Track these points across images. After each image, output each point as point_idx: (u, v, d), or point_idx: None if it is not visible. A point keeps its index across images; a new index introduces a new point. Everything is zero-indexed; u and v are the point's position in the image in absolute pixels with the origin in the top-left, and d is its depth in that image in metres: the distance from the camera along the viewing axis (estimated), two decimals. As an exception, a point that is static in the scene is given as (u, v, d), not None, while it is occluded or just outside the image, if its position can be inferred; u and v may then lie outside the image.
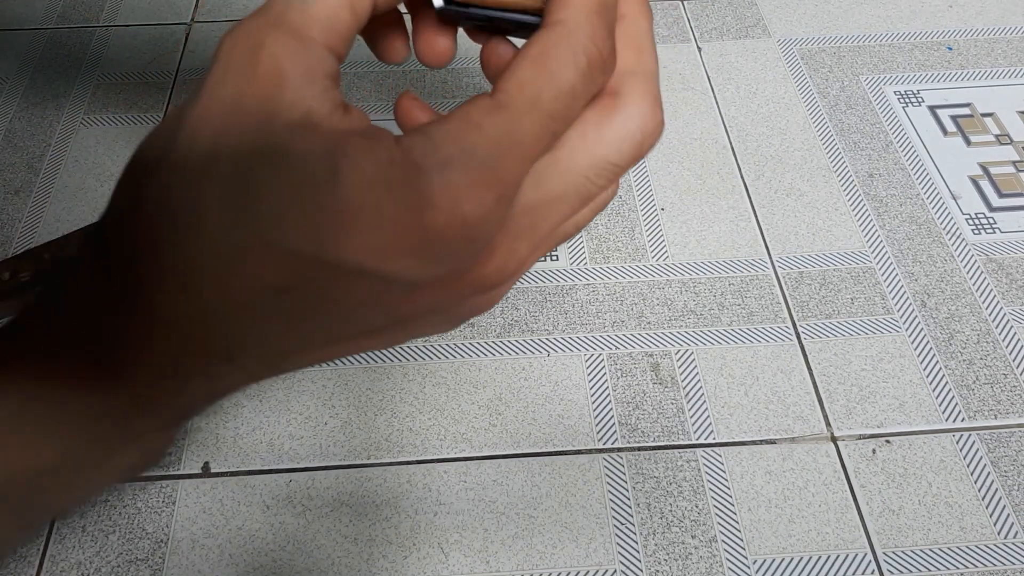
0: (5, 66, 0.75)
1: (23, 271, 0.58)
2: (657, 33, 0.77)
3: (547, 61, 0.17)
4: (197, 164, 0.17)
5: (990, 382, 0.53)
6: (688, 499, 0.49)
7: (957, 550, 0.47)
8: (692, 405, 0.52)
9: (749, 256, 0.60)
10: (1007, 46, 0.74)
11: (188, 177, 0.17)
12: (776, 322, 0.56)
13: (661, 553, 0.47)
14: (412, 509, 0.48)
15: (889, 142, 0.67)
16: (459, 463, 0.50)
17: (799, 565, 0.46)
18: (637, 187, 0.65)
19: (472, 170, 0.16)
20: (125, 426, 0.19)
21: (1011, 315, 0.56)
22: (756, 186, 0.65)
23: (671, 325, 0.56)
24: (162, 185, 0.17)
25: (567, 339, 0.56)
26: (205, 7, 0.81)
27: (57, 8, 0.81)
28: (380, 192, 0.16)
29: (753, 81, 0.72)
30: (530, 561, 0.46)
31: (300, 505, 0.49)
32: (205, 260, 0.17)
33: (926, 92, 0.71)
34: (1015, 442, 0.51)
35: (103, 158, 0.67)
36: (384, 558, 0.47)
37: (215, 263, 0.16)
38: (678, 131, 0.69)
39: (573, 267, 0.60)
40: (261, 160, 0.16)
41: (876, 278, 0.59)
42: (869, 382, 0.53)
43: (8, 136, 0.69)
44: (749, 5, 0.79)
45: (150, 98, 0.72)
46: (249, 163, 0.16)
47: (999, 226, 0.61)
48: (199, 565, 0.46)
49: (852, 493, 0.49)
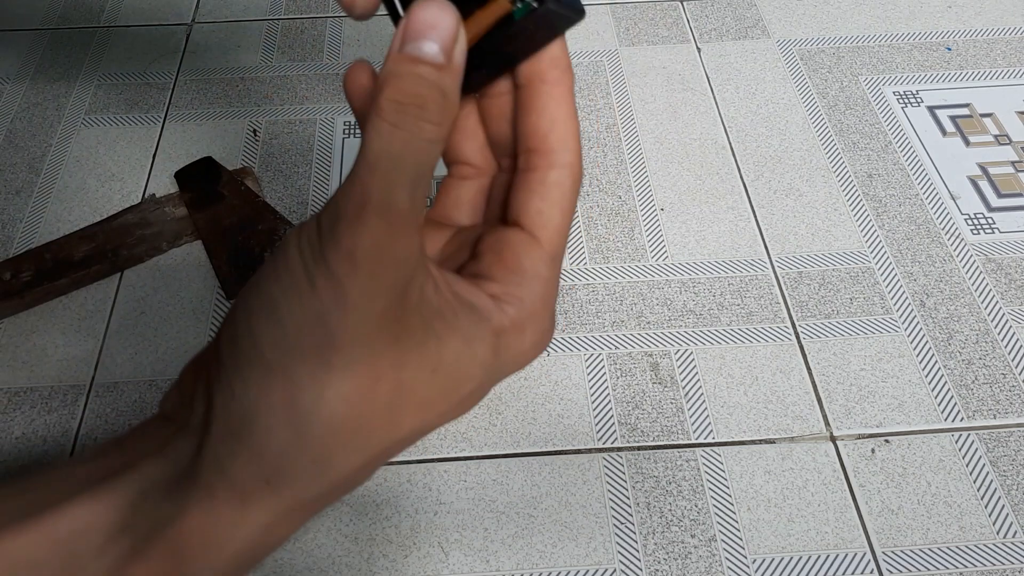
0: (6, 66, 0.75)
1: (24, 271, 0.58)
2: (657, 34, 0.77)
3: (567, 207, 0.21)
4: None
5: (989, 382, 0.53)
6: (687, 498, 0.49)
7: (956, 550, 0.47)
8: (691, 405, 0.53)
9: (748, 256, 0.60)
10: (1006, 47, 0.74)
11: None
12: (775, 322, 0.56)
13: (660, 552, 0.47)
14: (412, 508, 0.48)
15: (888, 142, 0.67)
16: (459, 462, 0.50)
17: (798, 564, 0.46)
18: (637, 187, 0.65)
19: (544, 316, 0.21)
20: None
21: (1010, 315, 0.56)
22: (755, 186, 0.65)
23: (670, 325, 0.56)
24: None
25: (567, 339, 0.56)
26: (205, 7, 0.81)
27: (58, 8, 0.81)
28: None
29: (752, 82, 0.72)
30: (530, 560, 0.46)
31: (300, 504, 0.49)
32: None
33: (925, 92, 0.71)
34: (1014, 442, 0.51)
35: (104, 158, 0.68)
36: (384, 557, 0.47)
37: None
38: (678, 132, 0.69)
39: (573, 267, 0.60)
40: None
41: (875, 278, 0.59)
42: (868, 382, 0.53)
43: (9, 136, 0.69)
44: (748, 6, 0.79)
45: (151, 98, 0.72)
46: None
47: (998, 226, 0.61)
48: (200, 564, 0.46)
49: (851, 493, 0.49)
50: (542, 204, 0.21)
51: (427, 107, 0.17)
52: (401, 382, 0.18)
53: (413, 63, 0.17)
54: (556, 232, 0.21)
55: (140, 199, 0.65)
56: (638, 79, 0.73)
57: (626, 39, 0.77)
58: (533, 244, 0.20)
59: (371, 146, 0.17)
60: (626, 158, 0.67)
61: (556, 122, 0.21)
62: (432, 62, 0.17)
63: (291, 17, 0.80)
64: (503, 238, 0.21)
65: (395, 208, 0.17)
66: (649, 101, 0.71)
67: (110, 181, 0.66)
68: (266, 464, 0.18)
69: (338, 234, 0.17)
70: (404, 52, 0.18)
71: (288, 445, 0.18)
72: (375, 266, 0.17)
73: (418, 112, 0.17)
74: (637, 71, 0.74)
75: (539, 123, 0.21)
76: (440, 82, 0.18)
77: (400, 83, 0.17)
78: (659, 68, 0.74)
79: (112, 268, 0.60)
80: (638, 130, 0.69)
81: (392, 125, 0.17)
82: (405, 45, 0.18)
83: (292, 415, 0.17)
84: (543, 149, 0.21)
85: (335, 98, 0.72)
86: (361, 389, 0.18)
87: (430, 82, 0.17)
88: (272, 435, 0.17)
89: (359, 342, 0.17)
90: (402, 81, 0.17)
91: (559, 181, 0.21)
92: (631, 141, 0.68)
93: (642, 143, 0.68)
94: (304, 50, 0.76)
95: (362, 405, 0.18)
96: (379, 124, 0.17)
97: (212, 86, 0.73)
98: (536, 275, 0.20)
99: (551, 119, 0.21)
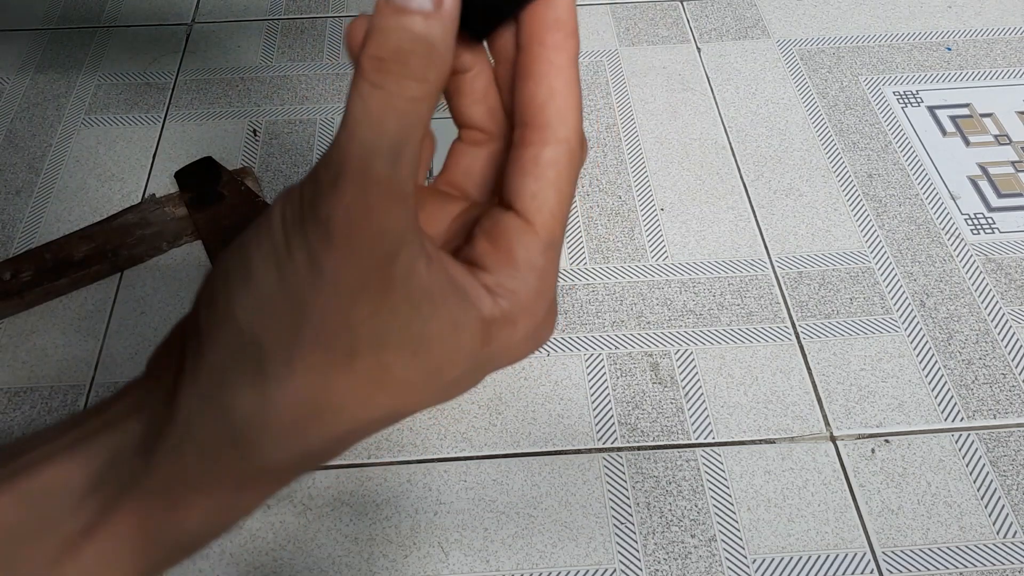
0: (6, 66, 0.75)
1: (24, 271, 0.58)
2: (657, 34, 0.77)
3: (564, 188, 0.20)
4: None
5: (989, 382, 0.53)
6: (687, 498, 0.49)
7: (956, 549, 0.47)
8: (691, 405, 0.53)
9: (748, 256, 0.60)
10: (1006, 47, 0.74)
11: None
12: (775, 322, 0.56)
13: (660, 552, 0.47)
14: (412, 508, 0.48)
15: (888, 142, 0.67)
16: (459, 462, 0.50)
17: (798, 564, 0.46)
18: (637, 188, 0.65)
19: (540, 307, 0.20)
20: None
21: (1010, 315, 0.56)
22: (755, 186, 0.65)
23: (671, 325, 0.56)
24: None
25: (567, 339, 0.56)
26: (206, 7, 0.81)
27: (58, 8, 0.81)
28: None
29: (752, 82, 0.72)
30: (530, 560, 0.46)
31: (301, 504, 0.49)
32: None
33: (925, 93, 0.71)
34: (1014, 442, 0.51)
35: (104, 158, 0.68)
36: (384, 557, 0.47)
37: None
38: (678, 132, 0.69)
39: (573, 267, 0.60)
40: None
41: (875, 278, 0.59)
42: (868, 382, 0.53)
43: (9, 136, 0.69)
44: (748, 6, 0.79)
45: (151, 98, 0.72)
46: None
47: (998, 226, 0.61)
48: (200, 564, 0.46)
49: (851, 493, 0.49)
50: (536, 186, 0.19)
51: (409, 62, 0.16)
52: (378, 360, 0.17)
53: (399, 14, 0.16)
54: (552, 217, 0.19)
55: (140, 199, 0.65)
56: (638, 79, 0.73)
57: (626, 39, 0.77)
58: (528, 231, 0.19)
59: (351, 109, 0.16)
60: (626, 158, 0.67)
61: (554, 92, 0.19)
62: (420, 10, 0.16)
63: (291, 17, 0.80)
64: (498, 223, 0.19)
65: (373, 176, 0.16)
66: (649, 101, 0.71)
67: (110, 181, 0.66)
68: (233, 427, 0.17)
69: (316, 203, 0.16)
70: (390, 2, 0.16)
71: (255, 410, 0.17)
72: (350, 239, 0.16)
73: (400, 69, 0.16)
74: (637, 71, 0.74)
75: (536, 92, 0.19)
76: (427, 32, 0.16)
77: (382, 37, 0.16)
78: (659, 68, 0.74)
79: (112, 268, 0.60)
80: (638, 130, 0.69)
81: (372, 85, 0.16)
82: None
83: (259, 381, 0.17)
84: (538, 123, 0.19)
85: (335, 98, 0.72)
86: (332, 363, 0.17)
87: (414, 33, 0.16)
88: (239, 398, 0.17)
89: (332, 315, 0.17)
90: (385, 35, 0.16)
91: (554, 159, 0.19)
92: (631, 141, 0.68)
93: (642, 143, 0.68)
94: (304, 50, 0.76)
95: (333, 380, 0.17)
96: (359, 84, 0.16)
97: (212, 86, 0.73)
98: (531, 266, 0.19)
99: (549, 88, 0.19)
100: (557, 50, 0.19)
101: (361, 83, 0.16)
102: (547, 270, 0.20)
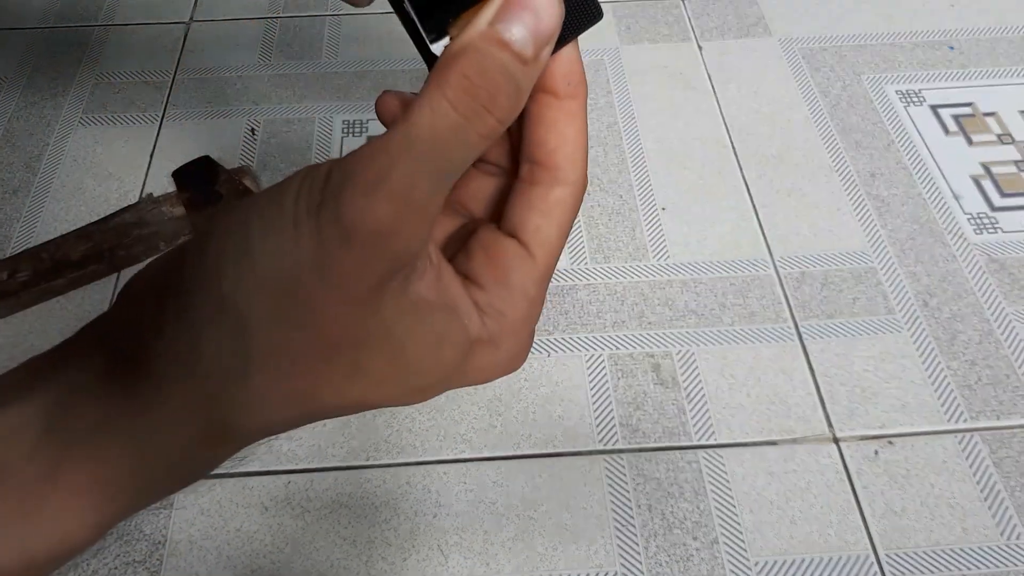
0: (3, 65, 0.75)
1: (21, 271, 0.58)
2: (657, 32, 0.77)
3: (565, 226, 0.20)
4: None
5: (992, 383, 0.53)
6: (689, 500, 0.48)
7: (960, 552, 0.46)
8: (693, 406, 0.52)
9: (750, 256, 0.60)
10: (1009, 45, 0.74)
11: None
12: (778, 322, 0.56)
13: (662, 555, 0.46)
14: (411, 511, 0.48)
15: (891, 141, 0.67)
16: (459, 464, 0.50)
17: (801, 567, 0.46)
18: (638, 187, 0.64)
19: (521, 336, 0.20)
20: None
21: (1013, 315, 0.56)
22: (757, 185, 0.64)
23: (672, 325, 0.56)
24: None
25: (567, 339, 0.55)
26: (204, 6, 0.81)
27: (55, 7, 0.80)
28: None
29: (754, 80, 0.72)
30: (530, 563, 0.46)
31: (299, 507, 0.48)
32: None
33: (928, 91, 0.70)
34: (1017, 443, 0.50)
35: (101, 157, 0.67)
36: (383, 560, 0.46)
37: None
38: (679, 131, 0.68)
39: (573, 267, 0.60)
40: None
41: (878, 278, 0.58)
42: (871, 383, 0.53)
43: (6, 135, 0.69)
44: (750, 4, 0.79)
45: (148, 97, 0.72)
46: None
47: (1001, 226, 0.61)
48: (197, 567, 0.46)
49: (854, 494, 0.48)
50: (542, 221, 0.20)
51: (498, 99, 0.16)
52: (356, 358, 0.17)
53: (500, 46, 0.16)
54: (551, 252, 0.20)
55: (137, 198, 0.64)
56: (639, 77, 0.73)
57: (627, 37, 0.76)
58: (527, 260, 0.20)
59: (417, 119, 0.15)
60: (627, 157, 0.67)
61: (566, 140, 0.19)
62: (520, 53, 0.16)
63: (290, 15, 0.79)
64: (498, 245, 0.20)
65: (416, 197, 0.15)
66: (650, 100, 0.71)
67: (107, 180, 0.66)
68: (208, 394, 0.17)
69: (342, 200, 0.15)
70: (495, 29, 0.16)
71: (232, 375, 0.17)
72: (369, 248, 0.16)
73: (488, 100, 0.16)
74: (638, 69, 0.73)
75: (547, 137, 0.19)
76: (522, 76, 0.16)
77: (480, 60, 0.15)
78: (660, 66, 0.73)
79: (109, 268, 0.59)
80: (639, 129, 0.69)
81: (451, 103, 0.15)
82: (499, 22, 0.16)
83: (240, 359, 0.17)
84: (549, 164, 0.20)
85: (334, 97, 0.72)
86: (313, 350, 0.17)
87: (511, 74, 0.16)
88: (216, 371, 0.17)
89: (326, 311, 0.16)
90: (482, 59, 0.15)
91: (562, 199, 0.20)
92: (632, 140, 0.68)
93: (643, 142, 0.68)
94: (303, 49, 0.76)
95: (313, 369, 0.17)
96: (437, 98, 0.15)
97: (210, 85, 0.73)
98: (524, 293, 0.19)
99: (560, 135, 0.19)
100: (569, 99, 0.19)
101: (440, 97, 0.15)
102: (536, 300, 0.20)
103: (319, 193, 0.16)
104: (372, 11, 0.77)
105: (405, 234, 0.16)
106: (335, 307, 0.16)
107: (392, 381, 0.18)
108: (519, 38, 0.16)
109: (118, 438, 0.18)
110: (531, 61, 0.16)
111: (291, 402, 0.18)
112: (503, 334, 0.19)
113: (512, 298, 0.19)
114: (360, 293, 0.16)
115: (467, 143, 0.16)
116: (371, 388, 0.18)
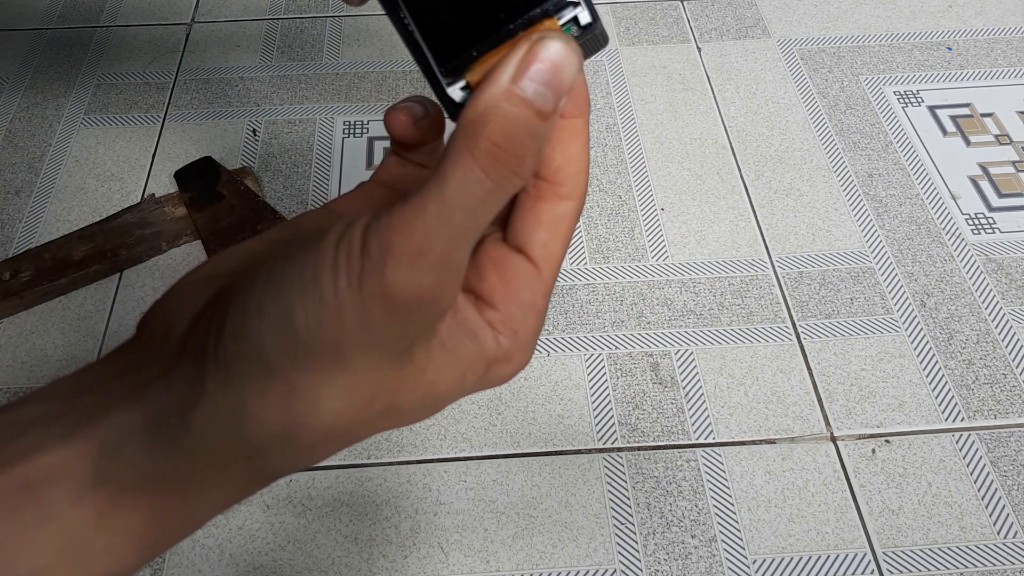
0: (5, 66, 0.75)
1: (24, 271, 0.58)
2: (657, 33, 0.77)
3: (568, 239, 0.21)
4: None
5: (990, 382, 0.53)
6: (688, 499, 0.49)
7: (957, 550, 0.47)
8: (692, 405, 0.52)
9: (749, 256, 0.60)
10: (1006, 46, 0.74)
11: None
12: (776, 322, 0.56)
13: (661, 553, 0.47)
14: (412, 509, 0.48)
15: (889, 142, 0.67)
16: (459, 463, 0.50)
17: (799, 565, 0.46)
18: (637, 187, 0.65)
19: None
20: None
21: (1011, 315, 0.56)
22: (756, 186, 0.65)
23: (671, 325, 0.56)
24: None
25: (567, 339, 0.56)
26: (205, 7, 0.81)
27: (57, 8, 0.81)
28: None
29: (753, 81, 0.72)
30: (530, 560, 0.46)
31: (300, 505, 0.49)
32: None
33: (926, 92, 0.71)
34: (1015, 442, 0.51)
35: (103, 158, 0.67)
36: (384, 557, 0.47)
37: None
38: (678, 131, 0.69)
39: (573, 267, 0.60)
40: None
41: (876, 278, 0.59)
42: (869, 382, 0.53)
43: (9, 136, 0.69)
44: (749, 5, 0.79)
45: (150, 98, 0.72)
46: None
47: (999, 226, 0.61)
48: (199, 564, 0.46)
49: (852, 493, 0.49)
50: (548, 236, 0.20)
51: (525, 161, 0.16)
52: (392, 402, 0.19)
53: (523, 105, 0.16)
54: (556, 265, 0.21)
55: (140, 199, 0.64)
56: (638, 79, 0.73)
57: (626, 38, 0.77)
58: (535, 276, 0.20)
59: (453, 185, 0.16)
60: (626, 158, 0.67)
61: (570, 158, 0.20)
62: (542, 111, 0.16)
63: (291, 17, 0.80)
64: (508, 263, 0.20)
65: (453, 263, 0.16)
66: (649, 101, 0.71)
67: (109, 181, 0.66)
68: (251, 447, 0.18)
69: (385, 274, 0.16)
70: (519, 88, 0.16)
71: (276, 438, 0.18)
72: (411, 316, 0.17)
73: (515, 164, 0.16)
74: (637, 71, 0.74)
75: (553, 156, 0.20)
76: (543, 132, 0.16)
77: (507, 125, 0.16)
78: (659, 68, 0.74)
79: (111, 268, 0.59)
80: (638, 130, 0.69)
81: (483, 170, 0.16)
82: (522, 80, 0.16)
83: (286, 415, 0.18)
84: (554, 180, 0.20)
85: (335, 98, 0.72)
86: (357, 407, 0.18)
87: (535, 133, 0.16)
88: (263, 428, 0.18)
89: (367, 372, 0.18)
90: (507, 124, 0.16)
91: (566, 214, 0.20)
92: (631, 141, 0.68)
93: (642, 143, 0.68)
94: (304, 50, 0.76)
95: (353, 418, 0.18)
96: (469, 164, 0.16)
97: (212, 86, 0.73)
98: (534, 308, 0.20)
99: (565, 154, 0.20)
100: (573, 119, 0.20)
101: (471, 164, 0.16)
102: (543, 313, 0.21)
103: (358, 263, 0.16)
104: (372, 13, 0.78)
105: (446, 297, 0.17)
106: (377, 368, 0.18)
107: (420, 411, 0.20)
108: (541, 95, 0.16)
109: (165, 490, 0.19)
110: (552, 116, 0.16)
111: (331, 448, 0.19)
112: (515, 350, 0.20)
113: (524, 314, 0.20)
114: (399, 351, 0.18)
115: (498, 203, 0.17)
116: (401, 420, 0.19)
